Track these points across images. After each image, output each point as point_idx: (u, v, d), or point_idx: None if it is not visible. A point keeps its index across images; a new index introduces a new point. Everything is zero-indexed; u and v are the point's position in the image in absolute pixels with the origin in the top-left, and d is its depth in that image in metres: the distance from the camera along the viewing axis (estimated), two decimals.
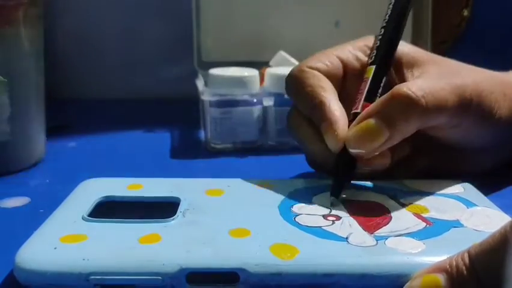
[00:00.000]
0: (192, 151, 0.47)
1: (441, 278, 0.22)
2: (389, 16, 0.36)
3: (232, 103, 0.45)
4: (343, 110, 0.33)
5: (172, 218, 0.28)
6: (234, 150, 0.46)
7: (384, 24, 0.36)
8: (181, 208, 0.29)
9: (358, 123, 0.32)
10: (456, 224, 0.28)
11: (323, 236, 0.26)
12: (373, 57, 0.35)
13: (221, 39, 0.59)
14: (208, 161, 0.44)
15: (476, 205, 0.31)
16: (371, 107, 0.32)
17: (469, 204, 0.31)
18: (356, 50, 0.38)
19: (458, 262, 0.22)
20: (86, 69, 0.68)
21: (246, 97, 0.45)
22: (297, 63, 0.53)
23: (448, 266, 0.22)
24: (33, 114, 0.41)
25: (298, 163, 0.44)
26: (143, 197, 0.31)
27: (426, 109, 0.31)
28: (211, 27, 0.58)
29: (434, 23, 0.61)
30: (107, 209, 0.30)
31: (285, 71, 0.47)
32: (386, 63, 0.35)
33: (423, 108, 0.31)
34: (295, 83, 0.36)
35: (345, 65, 0.37)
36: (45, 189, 0.37)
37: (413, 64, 0.36)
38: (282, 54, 0.54)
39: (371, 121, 0.31)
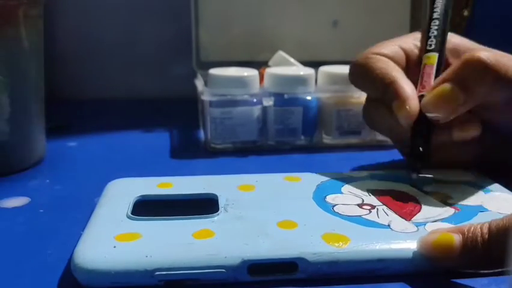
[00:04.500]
0: (192, 151, 0.47)
1: (456, 238, 0.25)
2: (444, 5, 0.38)
3: (232, 103, 0.45)
4: (413, 87, 0.35)
5: (216, 213, 0.29)
6: (233, 150, 0.46)
7: (438, 16, 0.38)
8: (221, 204, 0.30)
9: (434, 89, 0.34)
10: (481, 208, 0.30)
11: (366, 225, 0.28)
12: (432, 44, 0.37)
13: (220, 39, 0.59)
14: (208, 161, 0.44)
15: (492, 190, 0.33)
16: (445, 73, 0.34)
17: (485, 190, 0.33)
18: (417, 40, 0.39)
19: (476, 229, 0.25)
20: (86, 69, 0.68)
21: (245, 97, 0.45)
22: (296, 62, 0.53)
23: (465, 230, 0.25)
24: (33, 114, 0.41)
25: (298, 162, 0.44)
26: (182, 194, 0.32)
27: (499, 73, 0.33)
28: (210, 28, 0.58)
29: None
30: (140, 208, 0.30)
31: (285, 70, 0.47)
32: (443, 50, 0.37)
33: (496, 73, 0.33)
34: (363, 69, 0.37)
35: (407, 54, 0.39)
36: (45, 189, 0.37)
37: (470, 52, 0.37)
38: (281, 54, 0.54)
39: (447, 85, 0.33)
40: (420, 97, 0.35)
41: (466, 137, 0.35)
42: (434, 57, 0.37)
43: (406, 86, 0.35)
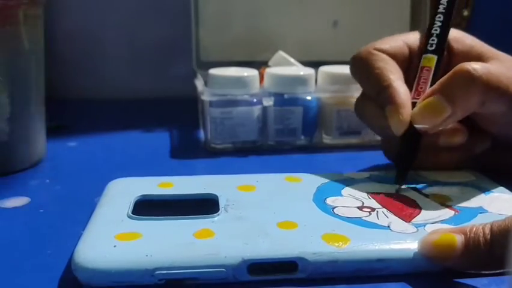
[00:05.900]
0: (192, 151, 0.47)
1: (458, 239, 0.25)
2: (445, 7, 0.37)
3: (232, 103, 0.45)
4: (408, 93, 0.35)
5: (217, 213, 0.29)
6: (233, 150, 0.46)
7: (443, 11, 0.37)
8: (221, 204, 0.30)
9: (423, 100, 0.34)
10: (481, 210, 0.30)
11: (365, 226, 0.28)
12: (434, 44, 0.36)
13: (219, 39, 0.59)
14: (208, 161, 0.44)
15: (492, 191, 0.33)
16: (435, 85, 0.34)
17: (485, 191, 0.33)
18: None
19: (478, 230, 0.25)
20: (86, 69, 0.68)
21: (245, 97, 0.45)
22: (296, 62, 0.53)
23: (467, 231, 0.25)
24: (33, 114, 0.41)
25: (298, 162, 0.44)
26: (182, 194, 0.32)
27: (487, 86, 0.32)
28: (210, 28, 0.59)
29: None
30: (140, 208, 0.30)
31: (285, 70, 0.47)
32: (443, 53, 0.36)
33: (483, 85, 0.32)
34: (362, 64, 0.37)
35: (411, 49, 0.38)
36: (45, 189, 0.37)
37: (478, 59, 0.36)
38: (281, 54, 0.54)
39: (434, 98, 0.33)
40: (414, 104, 0.34)
41: (451, 143, 0.35)
42: (433, 59, 0.36)
43: (401, 92, 0.34)
